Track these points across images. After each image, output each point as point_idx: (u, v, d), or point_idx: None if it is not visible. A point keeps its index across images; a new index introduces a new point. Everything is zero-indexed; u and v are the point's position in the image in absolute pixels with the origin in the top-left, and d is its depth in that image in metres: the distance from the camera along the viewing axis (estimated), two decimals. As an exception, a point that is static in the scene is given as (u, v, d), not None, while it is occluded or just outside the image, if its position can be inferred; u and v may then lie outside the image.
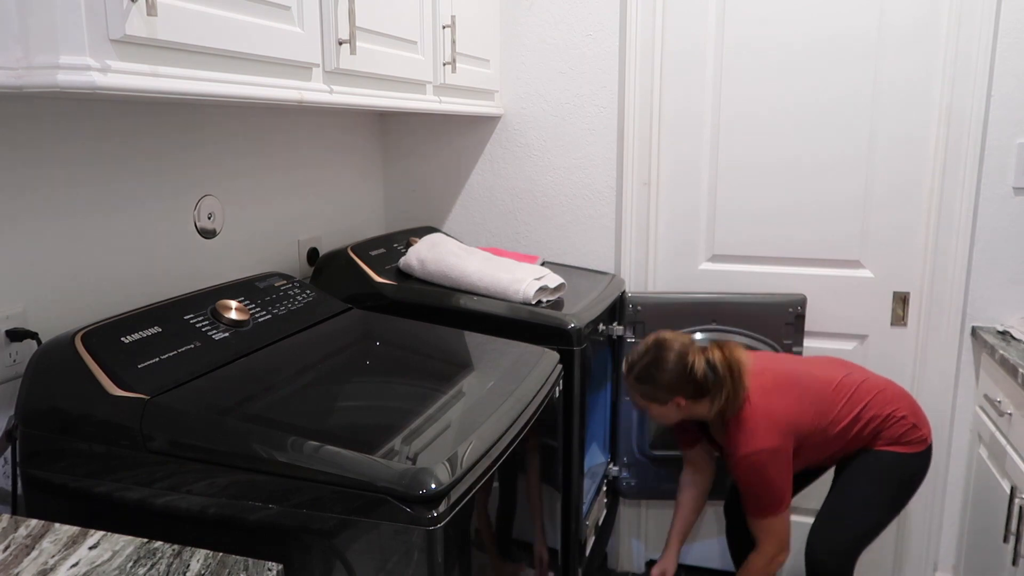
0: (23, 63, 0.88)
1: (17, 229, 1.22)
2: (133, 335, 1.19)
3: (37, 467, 1.12)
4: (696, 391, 1.70)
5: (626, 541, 2.43)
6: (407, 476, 0.95)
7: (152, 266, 1.50)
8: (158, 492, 1.06)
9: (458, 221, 2.45)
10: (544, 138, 2.32)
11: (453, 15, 1.85)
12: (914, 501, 2.21)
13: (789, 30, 2.08)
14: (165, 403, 1.08)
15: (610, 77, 2.22)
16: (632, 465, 2.19)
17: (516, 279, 1.77)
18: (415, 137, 2.44)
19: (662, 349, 1.71)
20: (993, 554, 1.85)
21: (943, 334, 2.11)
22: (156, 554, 0.87)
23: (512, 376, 1.35)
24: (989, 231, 2.04)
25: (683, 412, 1.74)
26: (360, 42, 1.43)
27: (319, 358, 1.35)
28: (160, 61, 0.99)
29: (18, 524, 0.93)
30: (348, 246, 1.91)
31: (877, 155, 2.08)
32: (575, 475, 1.74)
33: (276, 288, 1.55)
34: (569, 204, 2.33)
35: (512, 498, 1.31)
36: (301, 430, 1.04)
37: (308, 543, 1.00)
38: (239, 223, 1.76)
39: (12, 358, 1.21)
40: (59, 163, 1.29)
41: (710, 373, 1.68)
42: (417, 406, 1.17)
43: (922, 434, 1.74)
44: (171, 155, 1.54)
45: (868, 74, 2.05)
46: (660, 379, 1.70)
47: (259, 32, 1.17)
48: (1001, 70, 1.96)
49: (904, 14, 2.00)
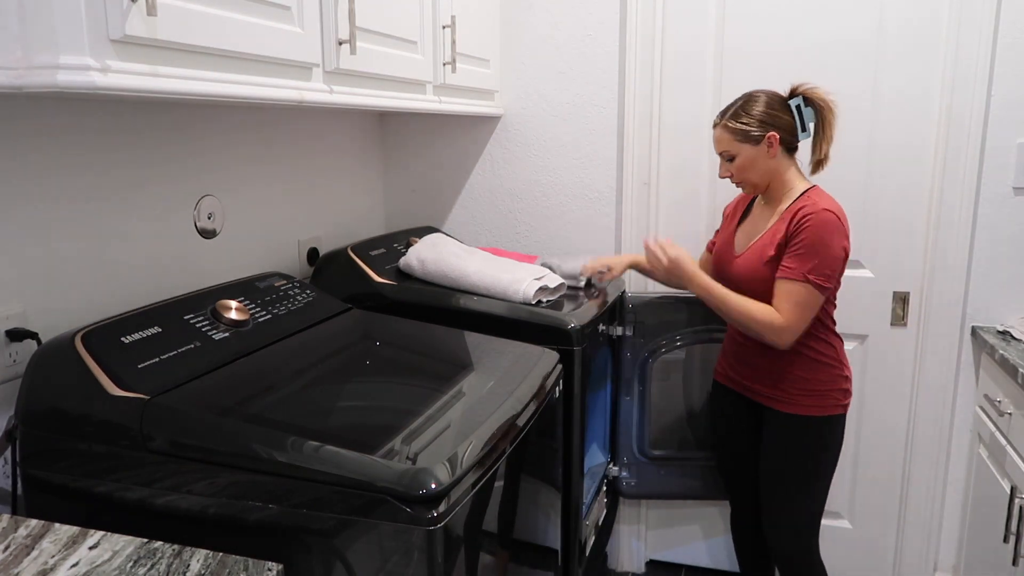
0: (23, 63, 0.88)
1: (17, 229, 1.22)
2: (133, 335, 1.19)
3: (37, 467, 1.12)
4: (791, 131, 1.67)
5: (626, 541, 2.43)
6: (407, 476, 0.95)
7: (152, 266, 1.50)
8: (158, 492, 1.06)
9: (458, 221, 2.45)
10: (544, 138, 2.32)
11: (453, 15, 1.85)
12: (914, 501, 2.22)
13: (789, 30, 2.08)
14: (165, 403, 1.08)
15: (610, 77, 2.22)
16: (632, 465, 2.19)
17: (516, 279, 1.77)
18: (415, 137, 2.44)
19: (753, 92, 1.70)
20: (993, 554, 1.85)
21: (943, 334, 2.11)
22: (156, 554, 0.87)
23: (512, 376, 1.35)
24: (989, 231, 2.04)
25: (773, 163, 1.67)
26: (360, 42, 1.43)
27: (319, 358, 1.35)
28: (160, 61, 0.99)
29: (18, 524, 0.93)
30: (348, 246, 1.91)
31: (877, 154, 2.08)
32: (575, 475, 1.74)
33: (276, 288, 1.55)
34: (569, 204, 2.33)
35: (512, 498, 1.31)
36: (301, 430, 1.04)
37: (308, 543, 1.00)
38: (239, 223, 1.76)
39: (12, 358, 1.21)
40: (59, 163, 1.29)
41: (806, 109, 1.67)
42: (417, 406, 1.17)
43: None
44: (171, 155, 1.54)
45: (868, 74, 2.05)
46: (755, 110, 1.67)
47: (259, 32, 1.17)
48: (1001, 70, 1.96)
49: (904, 14, 2.00)
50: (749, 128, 1.67)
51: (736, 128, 1.68)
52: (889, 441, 2.21)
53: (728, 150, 1.70)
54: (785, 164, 1.70)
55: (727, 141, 1.70)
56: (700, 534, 2.41)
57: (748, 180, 1.72)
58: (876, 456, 2.23)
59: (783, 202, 1.71)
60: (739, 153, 1.69)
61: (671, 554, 2.45)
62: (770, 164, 1.69)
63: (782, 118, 1.67)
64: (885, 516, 2.26)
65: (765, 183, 1.72)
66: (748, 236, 1.78)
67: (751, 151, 1.68)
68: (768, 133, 1.66)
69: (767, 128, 1.66)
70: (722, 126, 1.70)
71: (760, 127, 1.66)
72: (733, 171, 1.72)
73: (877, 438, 2.22)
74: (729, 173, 1.73)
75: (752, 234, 1.77)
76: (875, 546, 2.28)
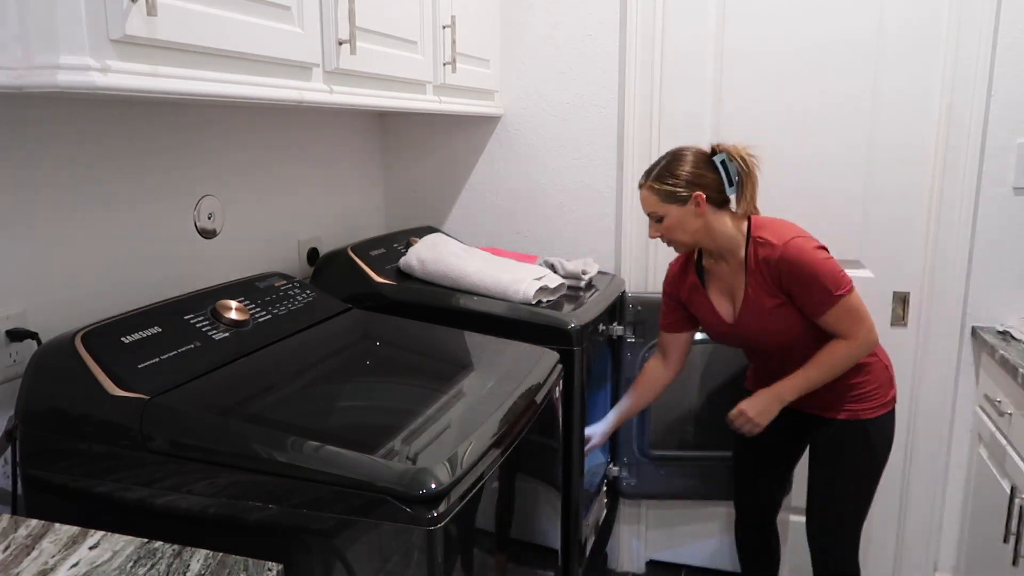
0: (23, 63, 0.88)
1: (17, 229, 1.22)
2: (133, 335, 1.19)
3: (37, 467, 1.12)
4: (718, 188, 1.65)
5: (626, 541, 2.43)
6: (407, 476, 0.95)
7: (152, 266, 1.50)
8: (158, 492, 1.06)
9: (458, 221, 2.45)
10: (544, 138, 2.32)
11: (453, 15, 1.85)
12: (914, 501, 2.22)
13: (789, 29, 2.08)
14: (165, 403, 1.08)
15: (610, 77, 2.22)
16: (632, 465, 2.19)
17: (516, 279, 1.77)
18: (415, 137, 2.44)
19: (679, 151, 1.69)
20: (993, 554, 1.84)
21: (943, 334, 2.11)
22: (156, 554, 0.87)
23: (512, 376, 1.35)
24: (989, 231, 2.04)
25: (701, 220, 1.65)
26: (360, 42, 1.43)
27: (319, 358, 1.35)
28: (160, 61, 0.99)
29: (18, 524, 0.93)
30: (348, 246, 1.91)
31: (877, 154, 2.08)
32: (575, 475, 1.74)
33: (276, 288, 1.55)
34: (569, 204, 2.33)
35: (512, 498, 1.31)
36: (301, 430, 1.04)
37: (308, 543, 1.00)
38: (239, 223, 1.76)
39: (12, 358, 1.22)
40: (59, 163, 1.29)
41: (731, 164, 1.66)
42: (417, 406, 1.17)
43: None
44: (171, 155, 1.54)
45: (868, 73, 2.05)
46: (680, 171, 1.64)
47: (259, 32, 1.17)
48: (1001, 70, 1.96)
49: (904, 14, 2.00)
50: (676, 189, 1.64)
51: (661, 190, 1.65)
52: (889, 441, 2.21)
53: (655, 211, 1.68)
54: (717, 218, 1.66)
55: (654, 202, 1.67)
56: (700, 534, 2.41)
57: (678, 240, 1.70)
58: (876, 456, 2.23)
59: (736, 251, 1.68)
60: (667, 214, 1.66)
61: (671, 554, 2.45)
62: (699, 222, 1.66)
63: (707, 176, 1.64)
64: (885, 516, 2.26)
65: (695, 241, 1.69)
66: (730, 297, 1.73)
67: (678, 211, 1.66)
68: (694, 193, 1.64)
69: (693, 188, 1.64)
70: (647, 187, 1.68)
71: (687, 187, 1.64)
72: (662, 231, 1.70)
73: (877, 438, 2.22)
74: (659, 233, 1.70)
75: (732, 294, 1.72)
76: (875, 546, 2.28)
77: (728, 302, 1.74)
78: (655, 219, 1.69)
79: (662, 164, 1.68)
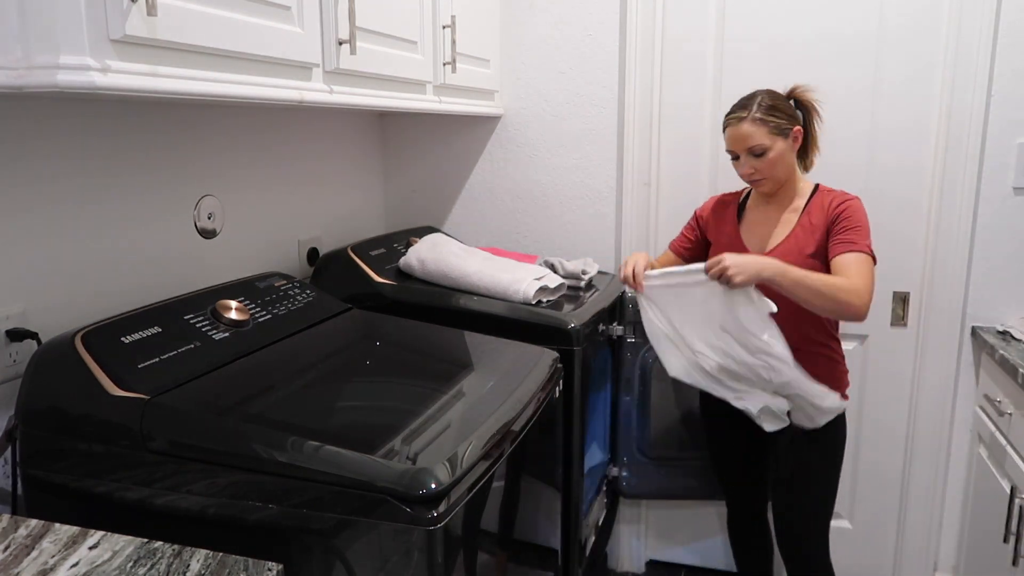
0: (23, 63, 0.88)
1: (17, 229, 1.22)
2: (133, 335, 1.19)
3: (37, 467, 1.12)
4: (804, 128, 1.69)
5: (626, 541, 2.43)
6: (407, 476, 0.95)
7: (152, 266, 1.50)
8: (158, 492, 1.06)
9: (458, 221, 2.45)
10: (544, 138, 2.32)
11: (453, 15, 1.85)
12: (914, 501, 2.22)
13: (789, 27, 2.08)
14: (165, 403, 1.08)
15: (610, 77, 2.22)
16: (632, 465, 2.19)
17: (516, 279, 1.77)
18: (415, 137, 2.44)
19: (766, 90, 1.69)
20: (993, 554, 1.84)
21: (943, 334, 2.11)
22: (156, 554, 0.87)
23: (512, 376, 1.35)
24: (989, 231, 2.04)
25: (793, 150, 1.68)
26: (360, 42, 1.43)
27: (319, 358, 1.35)
28: (160, 61, 0.99)
29: (18, 524, 0.93)
30: (348, 246, 1.91)
31: (877, 154, 2.08)
32: (575, 475, 1.74)
33: (276, 288, 1.55)
34: (569, 204, 2.33)
35: (512, 498, 1.31)
36: (301, 430, 1.04)
37: (308, 543, 1.00)
38: (239, 223, 1.76)
39: (12, 358, 1.22)
40: (59, 163, 1.29)
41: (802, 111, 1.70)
42: (417, 406, 1.17)
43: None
44: (171, 155, 1.54)
45: (868, 73, 2.05)
46: (783, 105, 1.66)
47: (259, 32, 1.17)
48: (1001, 70, 1.96)
49: (904, 14, 2.00)
50: (782, 122, 1.64)
51: (770, 121, 1.63)
52: (889, 441, 2.21)
53: (761, 143, 1.63)
54: (793, 159, 1.70)
55: (761, 135, 1.63)
56: (700, 534, 2.41)
57: (775, 176, 1.68)
58: (876, 456, 2.23)
59: (796, 199, 1.72)
60: (772, 147, 1.64)
61: (671, 554, 2.45)
62: (792, 159, 1.69)
63: (798, 114, 1.68)
64: (885, 516, 2.26)
65: (787, 178, 1.71)
66: (763, 237, 1.75)
67: (782, 145, 1.65)
68: (795, 127, 1.66)
69: (794, 122, 1.66)
70: (751, 120, 1.64)
71: (789, 121, 1.66)
72: (761, 166, 1.66)
73: (877, 438, 2.22)
74: (754, 170, 1.67)
75: (768, 235, 1.74)
76: (875, 546, 2.28)
77: (760, 240, 1.76)
78: (755, 153, 1.65)
79: (761, 97, 1.66)
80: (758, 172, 1.67)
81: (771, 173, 1.67)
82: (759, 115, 1.64)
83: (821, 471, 1.76)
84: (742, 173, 1.70)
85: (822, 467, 1.76)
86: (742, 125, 1.65)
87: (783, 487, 1.80)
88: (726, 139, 1.70)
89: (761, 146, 1.64)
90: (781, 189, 1.73)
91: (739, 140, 1.66)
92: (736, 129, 1.66)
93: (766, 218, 1.76)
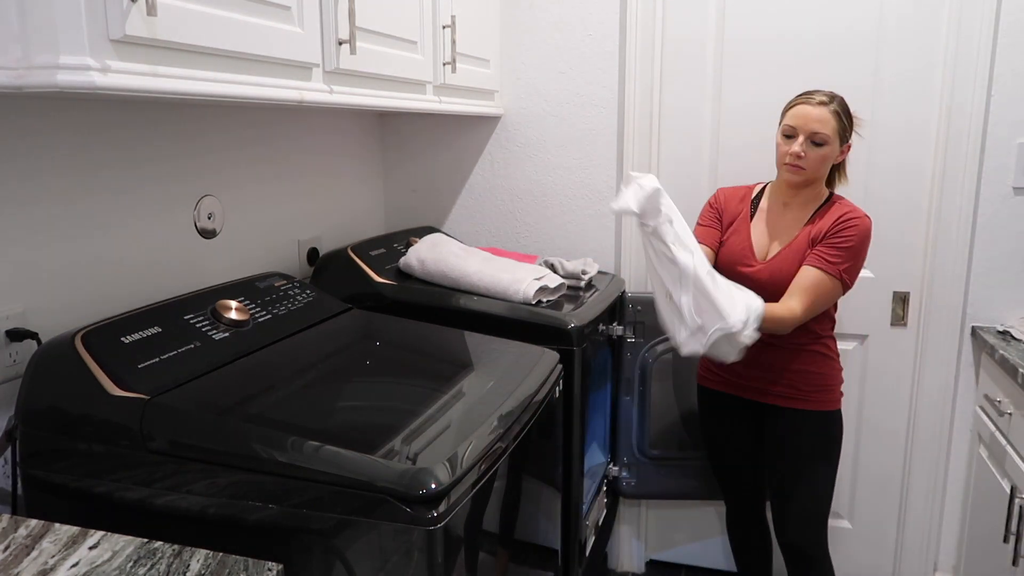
0: (23, 63, 0.88)
1: (17, 229, 1.22)
2: (133, 335, 1.19)
3: (37, 467, 1.12)
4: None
5: (626, 541, 2.43)
6: (407, 476, 0.95)
7: (152, 266, 1.50)
8: (158, 492, 1.06)
9: (458, 221, 2.45)
10: (544, 138, 2.32)
11: (453, 15, 1.85)
12: (914, 501, 2.22)
13: (789, 25, 2.08)
14: (165, 403, 1.08)
15: (610, 77, 2.22)
16: (632, 465, 2.19)
17: (516, 279, 1.77)
18: (415, 137, 2.44)
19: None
20: (993, 554, 1.84)
21: (943, 334, 2.11)
22: (156, 554, 0.87)
23: (512, 376, 1.35)
24: (989, 231, 2.04)
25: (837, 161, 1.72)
26: (360, 42, 1.43)
27: (319, 358, 1.35)
28: (160, 61, 0.99)
29: (18, 524, 0.93)
30: (348, 246, 1.91)
31: (877, 154, 2.08)
32: (575, 475, 1.74)
33: (276, 288, 1.55)
34: (569, 204, 2.33)
35: (512, 498, 1.31)
36: (301, 430, 1.04)
37: (308, 543, 1.00)
38: (239, 223, 1.76)
39: (12, 358, 1.21)
40: (59, 163, 1.29)
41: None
42: (417, 406, 1.17)
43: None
44: (171, 155, 1.54)
45: (868, 73, 2.05)
46: (852, 119, 1.69)
47: (259, 32, 1.17)
48: (1001, 70, 1.96)
49: (904, 14, 2.00)
50: (847, 128, 1.68)
51: (842, 121, 1.66)
52: (889, 441, 2.21)
53: (826, 134, 1.64)
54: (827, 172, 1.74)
55: (830, 126, 1.64)
56: (700, 534, 2.41)
57: (815, 173, 1.70)
58: (876, 456, 2.23)
59: (813, 203, 1.73)
60: (831, 144, 1.66)
61: (671, 554, 2.45)
62: (828, 169, 1.72)
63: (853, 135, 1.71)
64: (885, 516, 2.26)
65: (819, 179, 1.73)
66: (774, 239, 1.76)
67: (836, 150, 1.68)
68: (849, 142, 1.70)
69: (849, 136, 1.69)
70: (833, 111, 1.65)
71: (849, 133, 1.69)
72: (813, 156, 1.66)
73: (877, 438, 2.22)
74: (802, 154, 1.66)
75: (780, 236, 1.75)
76: (875, 546, 2.28)
77: (764, 241, 1.77)
78: (815, 141, 1.65)
79: (841, 99, 1.67)
80: (806, 159, 1.67)
81: (815, 168, 1.68)
82: (837, 108, 1.65)
83: (818, 469, 1.77)
84: (791, 152, 1.67)
85: (819, 465, 1.77)
86: (822, 108, 1.65)
87: (781, 486, 1.80)
88: (792, 115, 1.68)
89: (824, 136, 1.65)
90: (802, 192, 1.74)
91: (810, 121, 1.65)
92: (813, 109, 1.65)
93: (784, 219, 1.77)
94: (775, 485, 1.82)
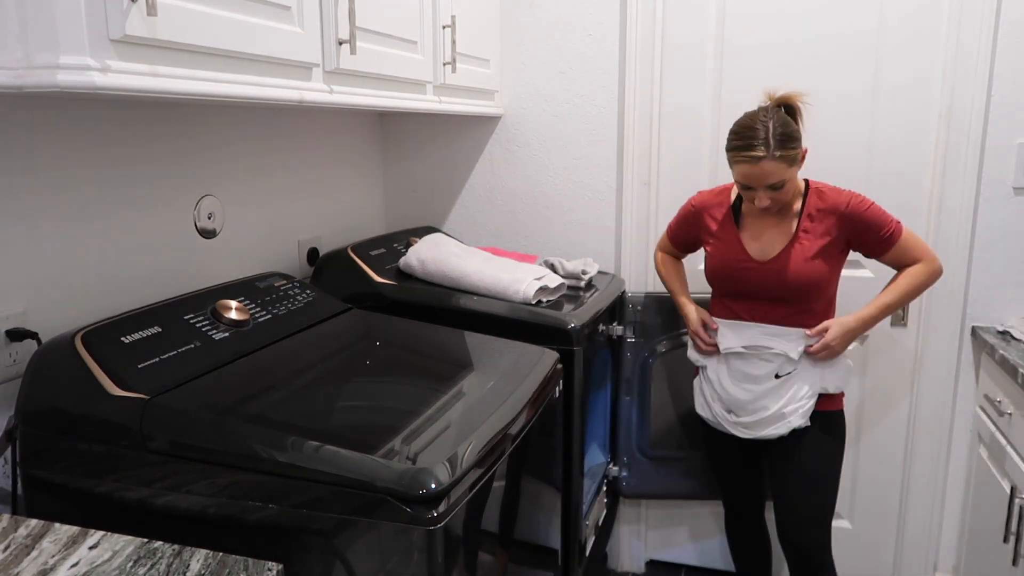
0: (23, 63, 0.88)
1: (17, 229, 1.22)
2: (133, 335, 1.19)
3: (37, 467, 1.12)
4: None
5: (626, 541, 2.43)
6: (407, 476, 0.95)
7: (152, 266, 1.50)
8: (158, 492, 1.06)
9: (458, 221, 2.45)
10: (544, 138, 2.32)
11: (453, 15, 1.85)
12: (914, 501, 2.22)
13: (788, 26, 2.08)
14: (165, 403, 1.08)
15: (610, 77, 2.22)
16: (632, 465, 2.19)
17: (516, 279, 1.77)
18: (415, 137, 2.44)
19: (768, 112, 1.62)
20: (993, 554, 1.84)
21: (943, 334, 2.11)
22: (156, 554, 0.87)
23: (512, 376, 1.35)
24: (989, 231, 2.04)
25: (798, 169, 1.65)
26: (360, 42, 1.43)
27: (319, 358, 1.35)
28: (160, 61, 0.99)
29: (18, 524, 0.93)
30: (348, 246, 1.91)
31: (877, 155, 2.08)
32: (575, 475, 1.74)
33: (276, 288, 1.55)
34: (569, 204, 2.33)
35: (512, 498, 1.31)
36: (301, 430, 1.04)
37: (308, 543, 1.00)
38: (239, 223, 1.76)
39: (12, 358, 1.21)
40: (59, 163, 1.29)
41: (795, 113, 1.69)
42: (417, 406, 1.17)
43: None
44: (171, 155, 1.54)
45: (868, 74, 2.05)
46: (794, 131, 1.59)
47: (259, 32, 1.17)
48: (1001, 70, 1.96)
49: (904, 15, 2.00)
50: (796, 151, 1.60)
51: (787, 156, 1.58)
52: (889, 441, 2.21)
53: (782, 178, 1.59)
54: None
55: (782, 171, 1.58)
56: (700, 534, 2.41)
57: (785, 201, 1.68)
58: (876, 456, 2.23)
59: (794, 202, 1.73)
60: (789, 178, 1.61)
61: (671, 554, 2.45)
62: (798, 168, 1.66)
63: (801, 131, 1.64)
64: (885, 516, 2.26)
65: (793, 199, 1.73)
66: (765, 245, 1.74)
67: (795, 172, 1.64)
68: (803, 149, 1.63)
69: (800, 144, 1.62)
70: (775, 158, 1.56)
71: (799, 144, 1.61)
72: (780, 196, 1.63)
73: (877, 438, 2.22)
74: (771, 202, 1.63)
75: (770, 243, 1.73)
76: (875, 546, 2.28)
77: (761, 243, 1.75)
78: (776, 187, 1.61)
79: (774, 129, 1.57)
80: (776, 202, 1.65)
81: (784, 200, 1.67)
82: (779, 152, 1.56)
83: (823, 471, 1.76)
84: (761, 206, 1.64)
85: (824, 467, 1.76)
86: (763, 164, 1.57)
87: (785, 488, 1.80)
88: (739, 173, 1.63)
89: (780, 181, 1.60)
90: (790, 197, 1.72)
91: (758, 178, 1.60)
92: (754, 167, 1.58)
93: (766, 224, 1.75)
94: (778, 487, 1.82)
